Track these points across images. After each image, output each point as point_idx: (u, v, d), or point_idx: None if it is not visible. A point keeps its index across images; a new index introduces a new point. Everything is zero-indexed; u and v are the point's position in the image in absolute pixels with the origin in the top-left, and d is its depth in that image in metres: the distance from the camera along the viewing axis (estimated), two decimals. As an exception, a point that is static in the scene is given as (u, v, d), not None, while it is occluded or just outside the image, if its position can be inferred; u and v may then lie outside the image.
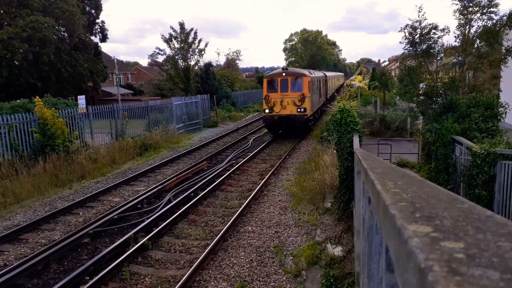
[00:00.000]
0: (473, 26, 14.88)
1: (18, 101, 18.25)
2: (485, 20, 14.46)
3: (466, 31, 15.02)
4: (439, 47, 15.67)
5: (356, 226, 6.74)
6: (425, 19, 15.22)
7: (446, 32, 15.20)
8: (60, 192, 14.05)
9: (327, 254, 8.73)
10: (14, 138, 14.78)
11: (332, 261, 8.44)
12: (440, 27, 15.26)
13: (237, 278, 7.96)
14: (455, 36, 15.45)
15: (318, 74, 32.03)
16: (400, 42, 15.80)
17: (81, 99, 18.93)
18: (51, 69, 32.50)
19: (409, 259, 0.80)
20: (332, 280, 7.67)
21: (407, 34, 15.47)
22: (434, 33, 15.14)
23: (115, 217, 11.07)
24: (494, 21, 14.25)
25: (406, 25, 15.51)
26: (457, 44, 15.92)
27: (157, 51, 40.82)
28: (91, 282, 7.44)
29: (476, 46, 15.28)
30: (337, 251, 8.91)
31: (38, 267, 8.37)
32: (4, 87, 31.75)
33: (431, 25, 15.21)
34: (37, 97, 16.30)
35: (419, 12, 15.13)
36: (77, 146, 16.70)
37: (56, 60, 32.40)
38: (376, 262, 2.69)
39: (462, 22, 15.03)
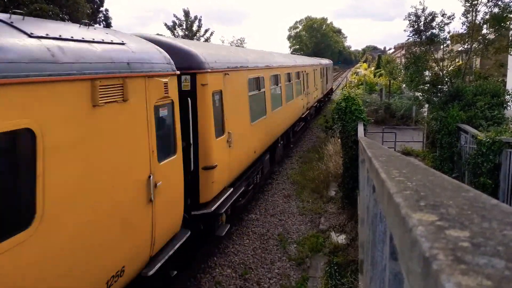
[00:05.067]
0: (479, 12, 14.72)
1: None
2: (491, 7, 14.30)
3: (473, 18, 14.85)
4: (445, 33, 15.56)
5: (360, 214, 6.75)
6: (426, 7, 15.19)
7: (452, 19, 15.07)
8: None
9: (331, 242, 8.78)
10: None
11: (336, 249, 8.48)
12: (446, 13, 15.15)
13: (241, 265, 8.04)
14: (462, 23, 15.31)
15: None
16: (404, 30, 15.72)
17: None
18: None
19: (414, 247, 0.80)
20: (335, 267, 7.72)
21: (411, 22, 15.40)
22: (442, 21, 15.05)
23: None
24: (501, 7, 14.07)
25: (410, 13, 15.44)
26: (464, 31, 15.76)
27: (161, 39, 40.67)
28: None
29: (482, 32, 15.13)
30: (341, 239, 8.95)
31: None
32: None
33: (435, 12, 15.13)
34: None
35: None
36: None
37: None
38: (380, 250, 2.70)
39: (468, 9, 14.88)
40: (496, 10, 14.17)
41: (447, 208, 0.99)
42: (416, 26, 15.33)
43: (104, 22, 43.27)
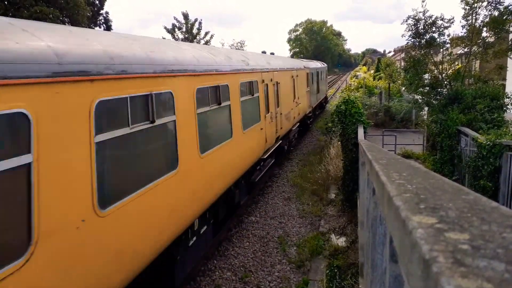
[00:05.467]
0: (479, 15, 14.78)
1: None
2: (491, 10, 14.36)
3: (473, 21, 14.91)
4: (445, 37, 15.62)
5: (360, 217, 6.75)
6: (427, 10, 15.25)
7: (451, 23, 15.13)
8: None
9: (331, 245, 8.77)
10: None
11: (336, 252, 8.47)
12: (446, 17, 15.23)
13: (241, 268, 8.02)
14: (462, 26, 15.37)
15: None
16: (402, 36, 15.79)
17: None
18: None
19: (414, 250, 0.80)
20: (335, 270, 7.71)
21: (410, 25, 15.46)
22: (442, 25, 15.11)
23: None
24: (501, 10, 14.12)
25: (409, 16, 15.50)
26: (464, 35, 15.82)
27: (161, 41, 40.49)
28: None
29: (482, 36, 15.18)
30: (341, 241, 8.94)
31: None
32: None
33: (435, 16, 15.20)
34: None
35: (422, 2, 15.15)
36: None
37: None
38: (380, 252, 2.70)
39: (467, 12, 14.94)
40: (496, 13, 14.22)
41: (447, 210, 0.99)
42: (415, 29, 15.38)
43: (104, 25, 43.37)
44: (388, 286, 1.99)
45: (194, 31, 39.08)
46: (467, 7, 14.75)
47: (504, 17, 14.06)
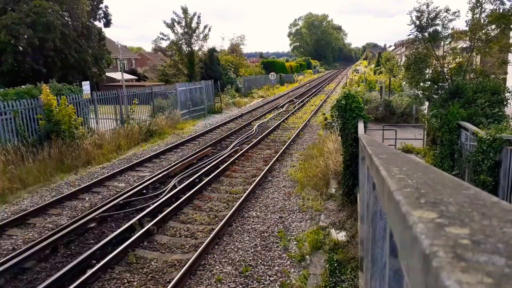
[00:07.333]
0: (484, 10, 14.67)
1: (23, 86, 18.18)
2: (497, 5, 14.26)
3: (477, 15, 14.81)
4: (448, 30, 15.52)
5: (360, 211, 6.76)
6: (432, 2, 15.10)
7: (457, 16, 15.01)
8: (66, 177, 14.15)
9: (331, 239, 8.80)
10: (20, 124, 14.82)
11: (336, 246, 8.50)
12: (451, 10, 15.10)
13: (241, 262, 8.05)
14: (465, 21, 15.27)
15: None
16: (407, 24, 15.65)
17: (86, 85, 18.95)
18: (56, 55, 32.45)
19: (414, 244, 0.80)
20: (336, 264, 7.74)
21: (414, 18, 15.33)
22: (445, 17, 14.99)
23: (121, 202, 11.11)
24: (508, 6, 14.04)
25: (414, 8, 15.39)
26: (466, 29, 15.72)
27: (161, 36, 40.42)
28: (97, 266, 7.56)
29: (485, 30, 15.09)
30: (341, 236, 8.96)
31: (46, 251, 8.48)
32: (9, 73, 31.74)
33: (440, 9, 15.06)
34: (44, 85, 16.32)
35: None
36: (82, 132, 16.72)
37: (62, 46, 32.32)
38: (380, 247, 2.70)
39: (474, 5, 14.84)
40: (502, 8, 14.12)
41: (447, 205, 0.99)
42: (418, 22, 15.27)
43: (104, 19, 43.12)
44: (388, 281, 2.00)
45: (193, 25, 38.87)
46: (473, 1, 14.64)
47: (510, 13, 13.97)
